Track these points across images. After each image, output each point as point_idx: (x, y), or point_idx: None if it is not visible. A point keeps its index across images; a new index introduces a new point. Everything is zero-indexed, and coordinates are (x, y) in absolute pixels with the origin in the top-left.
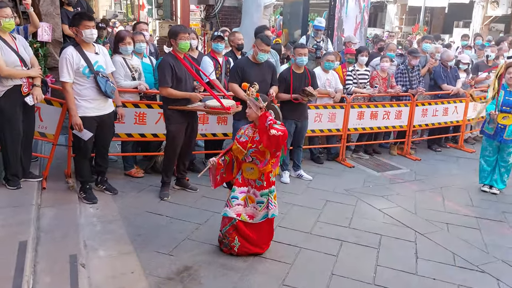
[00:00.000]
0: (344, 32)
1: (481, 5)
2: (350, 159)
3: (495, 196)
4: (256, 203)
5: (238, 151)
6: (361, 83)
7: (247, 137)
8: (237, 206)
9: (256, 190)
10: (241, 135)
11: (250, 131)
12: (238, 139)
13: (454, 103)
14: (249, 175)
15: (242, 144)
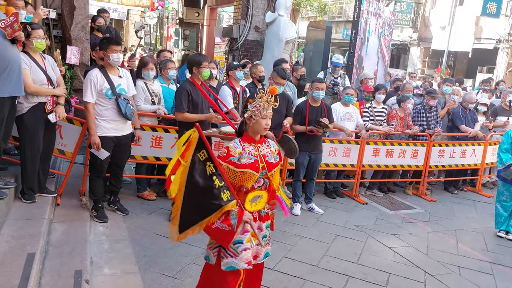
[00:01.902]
0: (363, 70)
1: (506, 52)
2: (363, 196)
3: (511, 242)
4: (262, 238)
5: (246, 178)
6: (377, 120)
7: (253, 156)
8: (244, 252)
9: (262, 222)
10: (241, 156)
11: (252, 148)
12: (238, 163)
13: (472, 145)
14: (255, 206)
15: (252, 166)
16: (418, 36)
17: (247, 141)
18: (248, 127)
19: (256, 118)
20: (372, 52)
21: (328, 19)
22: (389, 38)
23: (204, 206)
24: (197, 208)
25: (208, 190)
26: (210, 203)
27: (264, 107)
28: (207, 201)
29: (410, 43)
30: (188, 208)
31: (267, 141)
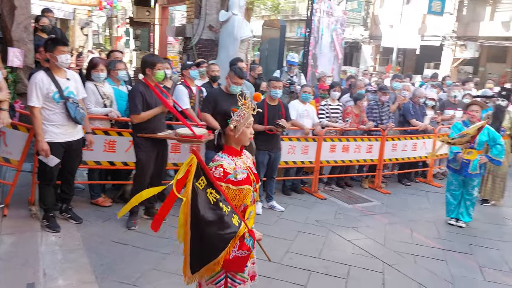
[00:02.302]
0: (318, 68)
1: (450, 48)
2: (322, 191)
3: (461, 229)
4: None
5: (245, 195)
6: (333, 117)
7: (244, 170)
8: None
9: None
10: (236, 172)
11: (240, 161)
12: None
13: (423, 139)
14: (250, 222)
15: (247, 181)
16: (369, 34)
17: (233, 154)
18: (231, 139)
19: (241, 128)
20: (326, 50)
21: (282, 18)
22: (342, 37)
23: (219, 239)
24: (211, 244)
25: (219, 220)
26: (225, 233)
27: (248, 115)
28: (221, 232)
29: (361, 41)
30: (200, 247)
31: (244, 151)
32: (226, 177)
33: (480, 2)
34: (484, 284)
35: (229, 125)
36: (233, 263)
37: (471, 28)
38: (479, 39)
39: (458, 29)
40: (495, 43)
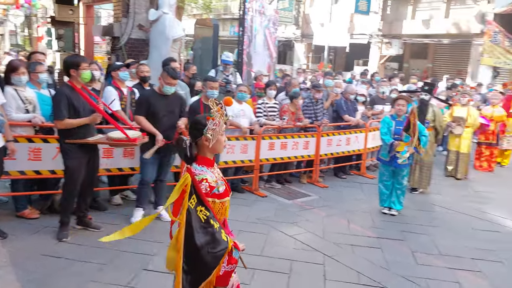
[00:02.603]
0: (253, 67)
1: (377, 46)
2: (262, 189)
3: (394, 217)
4: None
5: (226, 207)
6: (270, 116)
7: (222, 181)
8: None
9: None
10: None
11: (216, 171)
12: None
13: (355, 133)
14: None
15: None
16: (301, 33)
17: (208, 165)
18: (205, 148)
19: (217, 136)
20: (260, 49)
21: (214, 17)
22: (275, 35)
23: (212, 258)
24: (204, 264)
25: (211, 239)
26: (217, 251)
27: (222, 123)
28: (213, 251)
29: (294, 40)
30: (193, 269)
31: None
32: (211, 191)
33: (402, 2)
34: (417, 268)
35: (205, 135)
36: (222, 278)
37: (395, 27)
38: (403, 36)
39: (383, 28)
40: (416, 40)
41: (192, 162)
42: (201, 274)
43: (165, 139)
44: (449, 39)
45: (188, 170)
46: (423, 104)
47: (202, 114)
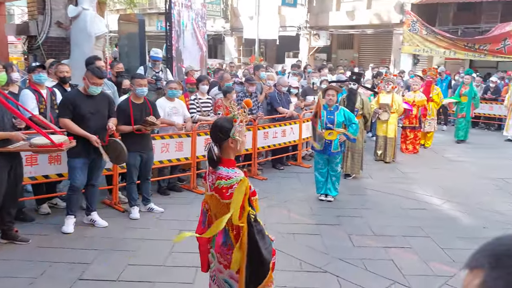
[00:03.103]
0: (183, 62)
1: (306, 38)
2: (201, 186)
3: (330, 203)
4: None
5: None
6: (204, 111)
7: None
8: None
9: None
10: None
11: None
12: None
13: (290, 125)
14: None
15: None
16: (231, 26)
17: (235, 166)
18: (230, 150)
19: (242, 137)
20: (189, 44)
21: (139, 12)
22: (204, 30)
23: (268, 253)
24: (264, 260)
25: (262, 235)
26: (268, 246)
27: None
28: (267, 246)
29: (224, 33)
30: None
31: None
32: (253, 191)
33: None
34: (353, 250)
35: (232, 137)
36: (272, 269)
37: (321, 18)
38: (329, 28)
39: (311, 20)
40: (342, 31)
41: (218, 165)
42: (263, 271)
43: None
44: (372, 30)
45: (245, 174)
46: (352, 93)
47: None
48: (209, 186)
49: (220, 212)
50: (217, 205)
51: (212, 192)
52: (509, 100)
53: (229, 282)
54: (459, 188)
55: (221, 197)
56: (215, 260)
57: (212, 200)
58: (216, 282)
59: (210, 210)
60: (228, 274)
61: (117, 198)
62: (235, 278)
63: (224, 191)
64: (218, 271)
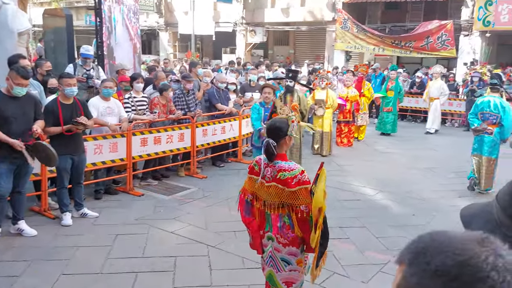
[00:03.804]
0: (116, 60)
1: (242, 34)
2: (138, 188)
3: None
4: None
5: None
6: (140, 110)
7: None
8: None
9: None
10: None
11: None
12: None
13: (230, 121)
14: None
15: None
16: (165, 21)
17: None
18: (284, 146)
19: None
20: (122, 40)
21: (66, 5)
22: (137, 25)
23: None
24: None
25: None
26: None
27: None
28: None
29: (158, 29)
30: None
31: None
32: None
33: None
34: None
35: (289, 135)
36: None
37: (257, 15)
38: (265, 24)
39: (246, 16)
40: (278, 28)
41: (274, 159)
42: (326, 245)
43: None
44: (307, 26)
45: (322, 164)
46: (289, 90)
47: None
48: (269, 177)
49: (285, 198)
50: (280, 193)
51: (273, 183)
52: (427, 95)
53: (286, 259)
54: (390, 178)
55: (286, 186)
56: (274, 242)
57: (271, 189)
58: (270, 263)
59: (257, 199)
60: (287, 251)
61: (46, 205)
62: (293, 253)
63: (289, 181)
64: (276, 250)
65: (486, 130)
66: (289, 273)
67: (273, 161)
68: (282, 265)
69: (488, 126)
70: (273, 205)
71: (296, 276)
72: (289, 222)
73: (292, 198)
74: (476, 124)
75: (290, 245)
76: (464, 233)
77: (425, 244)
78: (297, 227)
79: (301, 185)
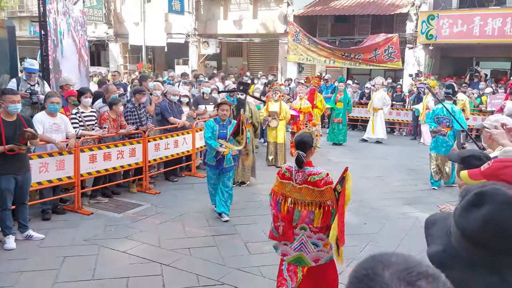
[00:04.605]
0: (62, 73)
1: (195, 45)
2: (87, 206)
3: None
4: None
5: None
6: (88, 125)
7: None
8: None
9: None
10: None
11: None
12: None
13: (183, 135)
14: None
15: None
16: (114, 32)
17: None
18: (310, 155)
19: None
20: (69, 53)
21: (8, 15)
22: (84, 37)
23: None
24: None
25: None
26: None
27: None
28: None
29: (107, 39)
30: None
31: None
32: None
33: (214, 3)
34: (250, 258)
35: (314, 146)
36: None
37: (209, 26)
38: (218, 36)
39: (199, 27)
40: (231, 39)
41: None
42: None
43: None
44: (260, 38)
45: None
46: (240, 103)
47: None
48: (300, 181)
49: (315, 197)
50: (311, 193)
51: (304, 185)
52: (371, 105)
53: (315, 243)
54: None
55: (316, 186)
56: (307, 231)
57: (302, 190)
58: (300, 248)
59: (287, 200)
60: (316, 237)
61: None
62: (321, 238)
63: (318, 182)
64: (308, 237)
65: (441, 131)
66: (317, 253)
67: (302, 168)
68: (312, 247)
69: (443, 128)
70: (304, 203)
71: (322, 255)
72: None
73: (321, 196)
74: (433, 127)
75: (319, 232)
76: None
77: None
78: (317, 219)
79: (328, 185)
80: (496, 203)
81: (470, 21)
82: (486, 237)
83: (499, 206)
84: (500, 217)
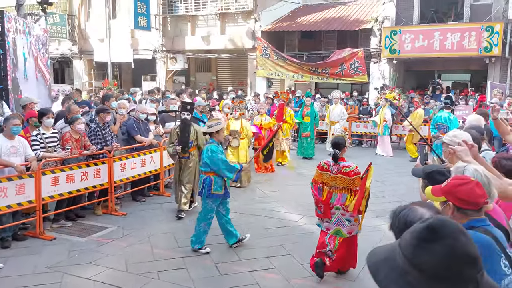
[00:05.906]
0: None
1: (162, 61)
2: (50, 231)
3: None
4: None
5: None
6: (50, 147)
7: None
8: None
9: None
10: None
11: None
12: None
13: (150, 153)
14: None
15: None
16: (79, 49)
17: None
18: (343, 152)
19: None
20: (29, 73)
21: None
22: (46, 56)
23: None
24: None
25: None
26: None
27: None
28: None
29: (71, 56)
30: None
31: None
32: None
33: (181, 19)
34: (221, 279)
35: (346, 146)
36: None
37: (177, 42)
38: (186, 52)
39: (166, 43)
40: (199, 55)
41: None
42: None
43: None
44: (228, 54)
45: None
46: (185, 124)
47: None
48: (336, 172)
49: (347, 183)
50: (344, 181)
51: (339, 175)
52: (329, 118)
53: (348, 219)
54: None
55: (348, 176)
56: (341, 210)
57: (337, 179)
58: (338, 223)
59: (326, 185)
60: (349, 214)
61: None
62: (352, 215)
63: (350, 172)
64: (343, 215)
65: (439, 137)
66: (350, 227)
67: (337, 162)
68: (346, 223)
69: (441, 134)
70: (338, 188)
71: (354, 228)
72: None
73: (351, 183)
74: (433, 133)
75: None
76: None
77: None
78: (349, 200)
79: (357, 175)
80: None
81: (431, 36)
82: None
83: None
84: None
